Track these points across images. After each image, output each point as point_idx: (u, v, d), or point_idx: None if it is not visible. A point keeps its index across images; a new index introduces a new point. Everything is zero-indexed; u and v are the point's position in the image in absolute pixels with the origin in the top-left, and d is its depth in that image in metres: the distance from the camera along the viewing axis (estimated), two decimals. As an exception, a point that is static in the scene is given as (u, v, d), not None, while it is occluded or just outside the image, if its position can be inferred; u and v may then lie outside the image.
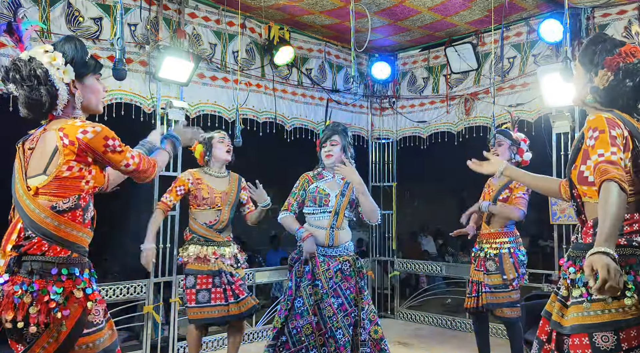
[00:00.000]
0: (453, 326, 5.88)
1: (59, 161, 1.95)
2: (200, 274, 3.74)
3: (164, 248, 4.62)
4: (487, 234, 4.03)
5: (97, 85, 2.13)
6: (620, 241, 1.89)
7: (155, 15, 4.59)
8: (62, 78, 1.99)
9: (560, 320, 1.98)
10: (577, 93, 2.16)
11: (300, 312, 3.22)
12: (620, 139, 1.88)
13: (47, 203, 1.95)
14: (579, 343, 1.89)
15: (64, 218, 1.96)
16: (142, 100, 4.52)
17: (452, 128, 5.94)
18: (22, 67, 1.96)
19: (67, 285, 1.93)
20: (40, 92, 1.95)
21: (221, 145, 3.91)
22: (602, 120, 1.92)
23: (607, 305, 1.86)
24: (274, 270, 5.85)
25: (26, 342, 1.89)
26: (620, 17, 4.74)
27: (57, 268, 1.92)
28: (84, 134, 1.95)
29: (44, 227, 1.93)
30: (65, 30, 4.05)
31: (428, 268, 6.38)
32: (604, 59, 2.03)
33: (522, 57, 5.37)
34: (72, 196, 1.98)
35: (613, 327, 1.85)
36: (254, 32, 5.32)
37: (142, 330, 4.59)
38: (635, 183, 1.93)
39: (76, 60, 2.04)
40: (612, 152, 1.83)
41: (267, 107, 5.41)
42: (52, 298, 1.88)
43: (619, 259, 1.79)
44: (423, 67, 6.26)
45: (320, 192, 3.41)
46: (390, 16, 5.21)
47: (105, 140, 1.99)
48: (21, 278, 1.89)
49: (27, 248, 1.92)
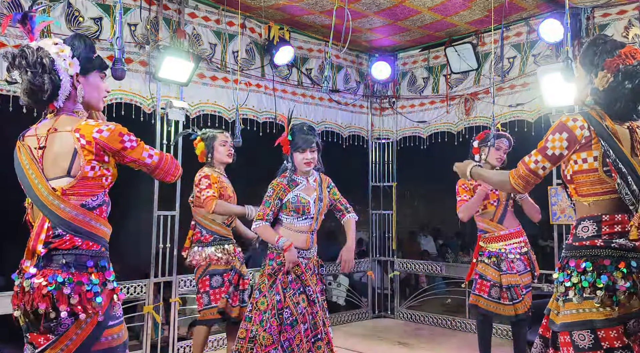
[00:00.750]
0: (453, 326, 5.88)
1: (81, 162, 1.99)
2: (225, 273, 3.80)
3: (164, 248, 4.62)
4: (505, 235, 3.93)
5: (101, 83, 2.17)
6: (596, 242, 1.96)
7: (155, 15, 4.59)
8: (67, 69, 2.02)
9: (554, 318, 2.04)
10: (577, 94, 2.18)
11: (290, 323, 3.17)
12: (558, 143, 2.01)
13: (77, 202, 2.00)
14: (564, 340, 1.96)
15: (94, 214, 2.03)
16: (142, 100, 4.52)
17: (452, 128, 5.94)
18: (29, 54, 1.99)
19: (100, 277, 1.99)
20: (44, 79, 1.98)
21: (223, 148, 3.93)
22: (555, 124, 2.06)
23: (579, 305, 1.94)
24: (274, 270, 5.83)
25: (54, 334, 1.92)
26: (620, 17, 4.74)
27: (93, 260, 1.99)
28: (100, 132, 1.99)
29: (76, 224, 1.99)
30: (65, 30, 4.05)
31: (428, 268, 6.38)
32: (604, 61, 2.04)
33: (522, 57, 5.37)
34: (99, 193, 2.05)
35: (588, 326, 1.91)
36: (254, 32, 5.32)
37: (142, 330, 4.59)
38: (605, 181, 1.99)
39: (83, 55, 2.08)
40: (534, 159, 2.07)
41: (267, 107, 5.41)
42: (88, 289, 1.94)
43: (592, 260, 1.93)
44: (423, 67, 6.26)
45: (302, 201, 3.35)
46: (390, 16, 5.22)
47: (121, 136, 2.02)
48: (52, 271, 1.93)
49: (58, 245, 1.96)
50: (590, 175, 2.00)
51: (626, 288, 1.87)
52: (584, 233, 2.00)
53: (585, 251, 1.97)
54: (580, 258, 1.97)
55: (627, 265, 1.89)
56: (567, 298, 1.97)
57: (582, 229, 2.01)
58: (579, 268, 1.95)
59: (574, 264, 1.97)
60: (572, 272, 1.97)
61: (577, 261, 1.97)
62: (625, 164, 1.93)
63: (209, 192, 3.71)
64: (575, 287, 1.94)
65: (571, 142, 2.00)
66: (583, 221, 2.03)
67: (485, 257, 3.96)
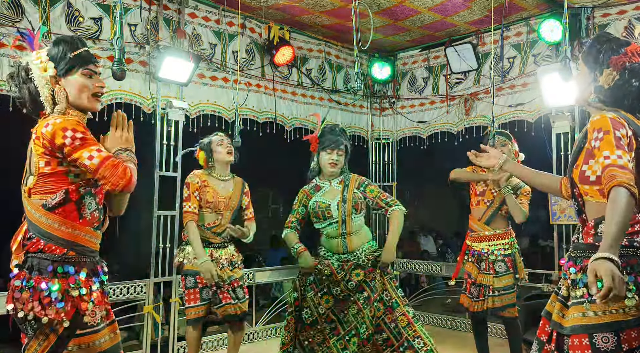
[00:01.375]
0: (453, 326, 5.88)
1: (35, 158, 1.97)
2: (199, 274, 3.72)
3: (164, 248, 4.62)
4: (491, 236, 3.97)
5: (84, 80, 2.07)
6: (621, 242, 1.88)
7: (155, 15, 4.59)
8: (41, 75, 2.00)
9: (560, 320, 1.98)
10: (580, 92, 2.15)
11: (310, 323, 3.22)
12: (624, 139, 1.87)
13: (39, 202, 1.97)
14: (579, 343, 1.88)
15: (55, 215, 1.96)
16: (142, 100, 4.53)
17: (452, 128, 5.94)
18: (15, 70, 2.04)
19: (63, 283, 1.94)
20: (23, 90, 2.02)
21: (220, 147, 3.89)
22: (607, 120, 1.90)
23: (608, 306, 1.86)
24: (274, 270, 5.85)
25: (27, 335, 1.95)
26: (620, 17, 4.74)
27: (52, 265, 1.94)
28: (46, 127, 1.94)
29: (38, 226, 1.96)
30: (66, 30, 4.05)
31: (428, 268, 6.38)
32: (609, 58, 2.01)
33: (522, 57, 5.37)
34: (59, 191, 1.97)
35: (614, 328, 1.84)
36: (254, 32, 5.32)
37: (142, 330, 4.59)
38: (637, 182, 1.91)
39: (58, 56, 2.04)
40: (618, 155, 1.82)
41: (267, 107, 5.41)
42: (46, 295, 1.90)
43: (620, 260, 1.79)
44: (423, 67, 6.26)
45: (321, 206, 3.36)
46: (390, 16, 5.21)
47: (64, 131, 1.92)
48: (24, 274, 1.94)
49: (29, 248, 1.97)
50: None
51: None
52: None
53: None
54: None
55: None
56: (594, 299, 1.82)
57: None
58: None
59: None
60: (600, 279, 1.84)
61: None
62: None
63: (186, 207, 3.75)
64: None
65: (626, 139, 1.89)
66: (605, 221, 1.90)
67: (470, 255, 4.04)
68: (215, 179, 3.89)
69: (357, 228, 3.37)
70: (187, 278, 3.78)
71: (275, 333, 5.50)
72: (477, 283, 3.95)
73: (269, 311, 5.57)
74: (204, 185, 3.82)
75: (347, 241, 3.32)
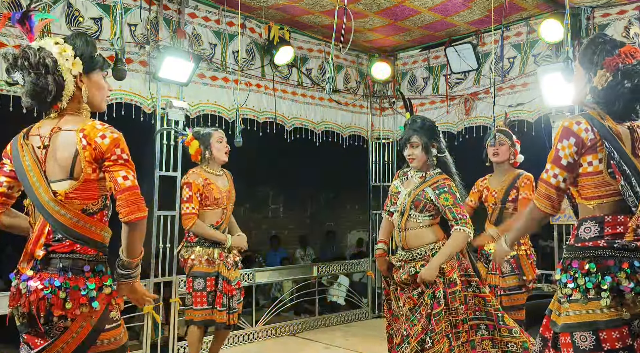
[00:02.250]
0: (453, 326, 5.87)
1: (82, 164, 1.96)
2: (209, 276, 3.75)
3: (164, 248, 4.62)
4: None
5: (103, 82, 2.13)
6: (599, 243, 1.95)
7: (155, 15, 4.59)
8: (70, 69, 1.99)
9: (556, 318, 2.03)
10: (576, 93, 2.18)
11: (395, 315, 3.26)
12: (568, 150, 1.98)
13: (79, 207, 1.97)
14: (564, 341, 1.95)
15: (93, 219, 1.99)
16: (142, 100, 4.52)
17: (452, 128, 5.94)
18: (31, 55, 1.95)
19: (97, 282, 1.96)
20: (47, 80, 1.95)
21: (219, 145, 3.88)
22: (559, 131, 2.03)
23: (584, 306, 1.92)
24: (274, 270, 5.85)
25: (49, 336, 1.92)
26: (620, 17, 4.74)
27: (89, 265, 1.96)
28: (103, 138, 1.96)
29: (76, 231, 1.96)
30: (66, 30, 4.05)
31: (428, 268, 6.37)
32: (603, 59, 2.03)
33: (522, 57, 5.37)
34: (100, 198, 2.01)
35: (591, 328, 1.89)
36: (254, 32, 5.32)
37: (142, 330, 4.59)
38: (610, 183, 1.97)
39: (85, 54, 2.04)
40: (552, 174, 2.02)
41: (267, 107, 5.41)
42: (84, 294, 1.92)
43: (596, 261, 1.91)
44: (423, 67, 6.26)
45: (393, 190, 3.33)
46: (390, 16, 5.21)
47: (117, 147, 1.97)
48: (49, 275, 1.92)
49: (56, 248, 1.95)
50: (595, 177, 1.99)
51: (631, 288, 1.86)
52: (587, 234, 1.99)
53: (589, 252, 1.95)
54: (583, 259, 1.95)
55: (631, 265, 1.88)
56: (572, 299, 1.95)
57: (585, 230, 2.00)
58: (583, 269, 1.93)
59: (577, 265, 1.96)
60: (575, 273, 1.95)
61: (580, 262, 1.95)
62: (629, 165, 1.92)
63: (188, 209, 3.70)
64: (579, 288, 1.92)
65: (579, 147, 1.98)
66: (585, 222, 2.01)
67: (483, 256, 4.05)
68: (213, 175, 3.89)
69: (416, 226, 3.20)
70: (196, 280, 3.77)
71: (275, 333, 5.50)
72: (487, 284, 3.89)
73: (269, 311, 5.57)
74: (207, 183, 3.81)
75: (403, 236, 3.21)
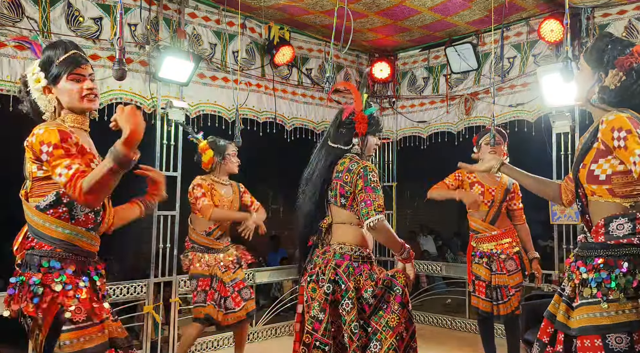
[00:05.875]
0: (453, 326, 5.88)
1: (29, 164, 2.02)
2: (202, 277, 3.89)
3: (164, 248, 4.63)
4: (497, 235, 3.97)
5: (71, 85, 2.06)
6: (633, 240, 1.89)
7: (155, 15, 4.59)
8: (35, 86, 2.08)
9: (566, 321, 1.97)
10: (581, 92, 2.14)
11: None
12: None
13: (33, 204, 2.03)
14: (590, 345, 1.87)
15: (47, 215, 2.02)
16: (142, 100, 4.52)
17: (452, 128, 5.94)
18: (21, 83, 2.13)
19: (46, 278, 1.96)
20: (25, 103, 2.11)
21: (234, 159, 4.04)
22: (625, 120, 1.90)
23: (622, 306, 1.85)
24: (274, 270, 5.85)
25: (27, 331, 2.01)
26: (620, 17, 4.74)
27: (39, 259, 1.98)
28: (32, 136, 1.99)
29: (33, 226, 2.03)
30: (66, 30, 4.06)
31: (428, 268, 6.38)
32: (615, 59, 2.01)
33: (522, 57, 5.37)
34: (50, 193, 2.01)
35: (628, 328, 1.83)
36: (254, 32, 5.32)
37: (142, 330, 4.59)
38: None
39: (47, 65, 2.07)
40: None
41: (267, 107, 5.41)
42: (32, 289, 1.94)
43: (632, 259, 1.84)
44: (423, 67, 6.26)
45: None
46: (390, 16, 5.21)
47: (41, 145, 1.93)
48: (19, 272, 2.03)
49: (25, 246, 2.04)
50: (630, 175, 1.91)
51: None
52: (620, 231, 1.92)
53: (624, 250, 1.89)
54: (620, 257, 1.89)
55: None
56: (610, 299, 1.87)
57: (617, 227, 1.93)
58: (622, 268, 1.86)
59: (613, 264, 1.89)
60: (613, 272, 1.88)
61: (617, 260, 1.88)
62: None
63: (205, 201, 3.82)
64: (618, 287, 1.86)
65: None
66: (616, 219, 1.94)
67: (477, 257, 4.02)
68: (219, 184, 4.03)
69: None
70: (191, 280, 3.97)
71: (275, 333, 5.50)
72: (493, 285, 3.90)
73: (269, 311, 5.58)
74: (212, 188, 3.95)
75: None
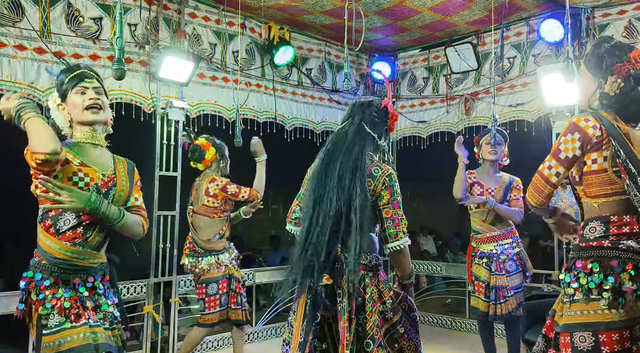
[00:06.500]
0: (453, 326, 5.88)
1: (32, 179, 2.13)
2: (221, 279, 3.89)
3: (164, 249, 4.62)
4: (497, 236, 3.96)
5: (76, 99, 2.23)
6: (604, 243, 1.94)
7: (155, 15, 4.59)
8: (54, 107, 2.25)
9: (558, 318, 2.02)
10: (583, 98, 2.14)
11: None
12: (570, 144, 1.97)
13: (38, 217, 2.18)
14: (564, 341, 1.94)
15: (40, 227, 2.15)
16: (142, 100, 4.52)
17: (452, 128, 5.94)
18: None
19: (29, 287, 2.11)
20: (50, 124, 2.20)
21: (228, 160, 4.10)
22: (566, 126, 2.01)
23: (585, 306, 1.91)
24: (275, 270, 5.85)
25: None
26: (620, 17, 4.74)
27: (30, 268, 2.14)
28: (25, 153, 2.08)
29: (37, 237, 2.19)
30: (66, 30, 4.06)
31: (428, 269, 6.38)
32: (613, 65, 2.00)
33: (522, 57, 5.37)
34: (41, 207, 2.16)
35: (591, 328, 1.87)
36: (254, 32, 5.32)
37: (142, 330, 4.59)
38: (615, 182, 1.96)
39: (59, 86, 2.25)
40: (547, 165, 2.02)
41: (267, 107, 5.41)
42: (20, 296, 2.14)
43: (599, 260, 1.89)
44: (423, 67, 6.26)
45: None
46: (390, 16, 5.21)
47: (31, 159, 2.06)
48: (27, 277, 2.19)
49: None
50: (599, 176, 1.97)
51: (633, 290, 1.84)
52: (591, 233, 1.97)
53: (592, 252, 1.94)
54: (587, 259, 1.94)
55: (635, 267, 1.86)
56: (574, 299, 1.94)
57: (590, 230, 1.98)
58: (586, 269, 1.92)
59: (580, 265, 1.95)
60: (578, 273, 1.94)
61: (584, 262, 1.94)
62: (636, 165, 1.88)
63: (245, 189, 3.90)
64: (581, 288, 1.91)
65: (584, 143, 1.96)
66: (591, 222, 1.99)
67: (477, 257, 4.02)
68: None
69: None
70: (209, 285, 3.89)
71: (275, 333, 5.50)
72: (492, 286, 3.89)
73: (269, 311, 5.58)
74: None
75: None
